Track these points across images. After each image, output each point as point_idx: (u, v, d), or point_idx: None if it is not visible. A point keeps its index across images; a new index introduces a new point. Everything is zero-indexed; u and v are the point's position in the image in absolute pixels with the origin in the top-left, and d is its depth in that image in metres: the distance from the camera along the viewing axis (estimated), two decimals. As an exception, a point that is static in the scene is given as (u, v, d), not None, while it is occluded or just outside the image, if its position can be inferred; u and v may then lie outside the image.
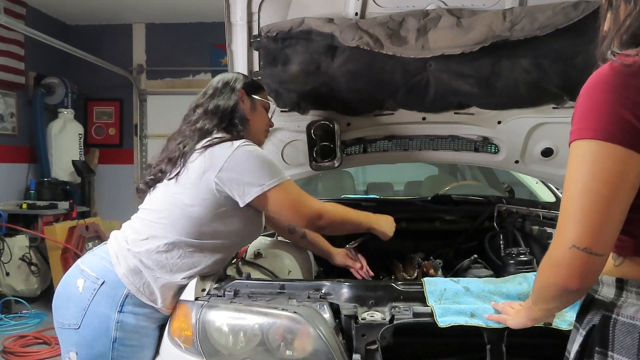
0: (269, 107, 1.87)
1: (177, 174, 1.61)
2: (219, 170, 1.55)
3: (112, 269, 1.58)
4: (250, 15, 1.94)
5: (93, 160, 6.43)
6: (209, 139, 1.62)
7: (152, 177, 1.69)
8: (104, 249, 1.66)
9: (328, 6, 1.92)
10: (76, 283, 1.60)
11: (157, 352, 1.63)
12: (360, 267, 2.01)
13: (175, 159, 1.63)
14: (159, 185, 1.67)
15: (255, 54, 2.02)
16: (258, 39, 1.96)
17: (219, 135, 1.64)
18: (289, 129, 2.22)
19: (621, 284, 0.98)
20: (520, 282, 1.48)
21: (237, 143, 1.59)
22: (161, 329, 1.65)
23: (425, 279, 1.50)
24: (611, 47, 0.95)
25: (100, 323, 1.55)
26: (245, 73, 2.00)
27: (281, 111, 2.17)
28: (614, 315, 0.97)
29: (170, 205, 1.60)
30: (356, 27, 1.87)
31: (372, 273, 2.01)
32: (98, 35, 6.42)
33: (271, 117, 1.88)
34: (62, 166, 5.77)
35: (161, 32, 6.48)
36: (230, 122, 1.70)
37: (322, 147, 2.20)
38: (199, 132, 1.65)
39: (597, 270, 0.93)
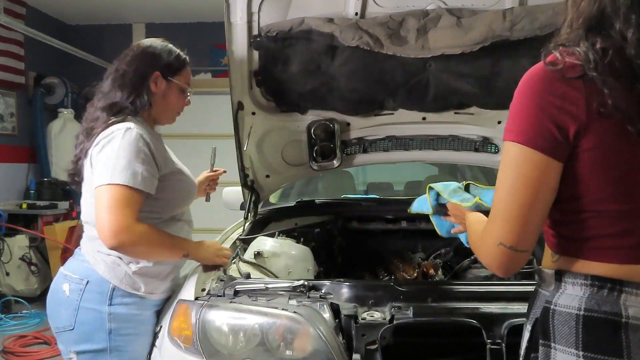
0: (186, 90, 1.75)
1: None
2: (90, 153, 1.60)
3: (93, 268, 1.62)
4: (250, 15, 1.94)
5: (93, 160, 6.42)
6: (99, 128, 1.60)
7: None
8: (80, 252, 1.69)
9: (328, 6, 1.92)
10: (62, 288, 1.63)
11: (155, 337, 1.65)
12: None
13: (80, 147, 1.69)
14: None
15: (255, 54, 2.01)
16: (258, 39, 1.96)
17: (111, 120, 1.60)
18: (289, 129, 2.22)
19: (559, 276, 1.00)
20: None
21: (116, 128, 1.57)
22: (157, 314, 1.69)
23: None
24: (559, 39, 0.99)
25: (94, 319, 1.59)
26: (244, 71, 1.98)
27: (281, 111, 2.17)
28: (552, 307, 0.98)
29: (90, 187, 1.64)
30: (356, 27, 1.87)
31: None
32: (98, 35, 6.40)
33: (188, 97, 1.77)
34: (62, 166, 5.75)
35: (161, 32, 6.37)
36: (135, 100, 1.64)
37: (322, 147, 2.20)
38: (102, 110, 1.64)
39: (521, 263, 0.99)
